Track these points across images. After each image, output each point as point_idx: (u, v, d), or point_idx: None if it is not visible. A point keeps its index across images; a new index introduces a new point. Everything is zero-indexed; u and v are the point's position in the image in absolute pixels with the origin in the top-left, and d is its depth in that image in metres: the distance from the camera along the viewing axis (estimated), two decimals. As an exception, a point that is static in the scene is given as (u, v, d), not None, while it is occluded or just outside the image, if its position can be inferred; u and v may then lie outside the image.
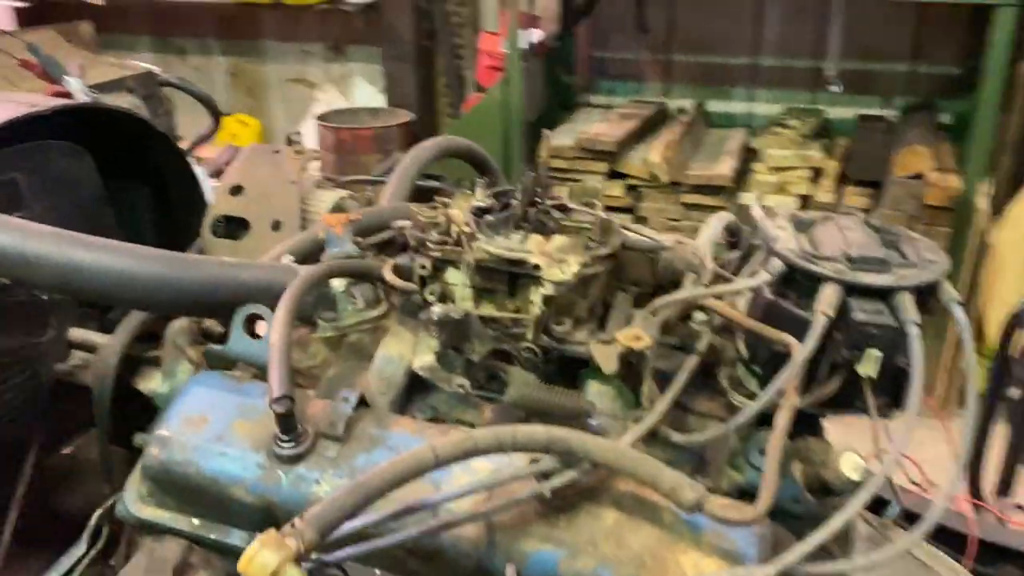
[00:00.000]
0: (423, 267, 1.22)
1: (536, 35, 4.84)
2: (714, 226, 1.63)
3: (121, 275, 1.17)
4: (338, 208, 1.66)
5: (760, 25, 5.11)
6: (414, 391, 1.28)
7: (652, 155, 4.52)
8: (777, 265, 1.13)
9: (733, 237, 1.71)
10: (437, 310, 1.15)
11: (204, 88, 6.60)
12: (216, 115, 2.53)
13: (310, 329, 1.39)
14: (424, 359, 1.18)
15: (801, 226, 1.21)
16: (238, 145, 4.40)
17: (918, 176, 4.05)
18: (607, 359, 1.13)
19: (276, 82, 6.58)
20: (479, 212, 1.25)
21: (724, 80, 5.30)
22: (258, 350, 1.23)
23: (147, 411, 1.53)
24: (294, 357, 1.38)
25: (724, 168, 4.50)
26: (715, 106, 5.34)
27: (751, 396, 1.19)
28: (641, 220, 4.66)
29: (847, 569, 0.93)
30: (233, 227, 1.61)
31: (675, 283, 1.36)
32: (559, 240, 1.23)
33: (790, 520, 1.12)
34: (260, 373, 1.27)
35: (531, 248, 1.19)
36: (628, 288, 1.34)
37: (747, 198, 4.55)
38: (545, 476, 0.98)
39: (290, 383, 1.07)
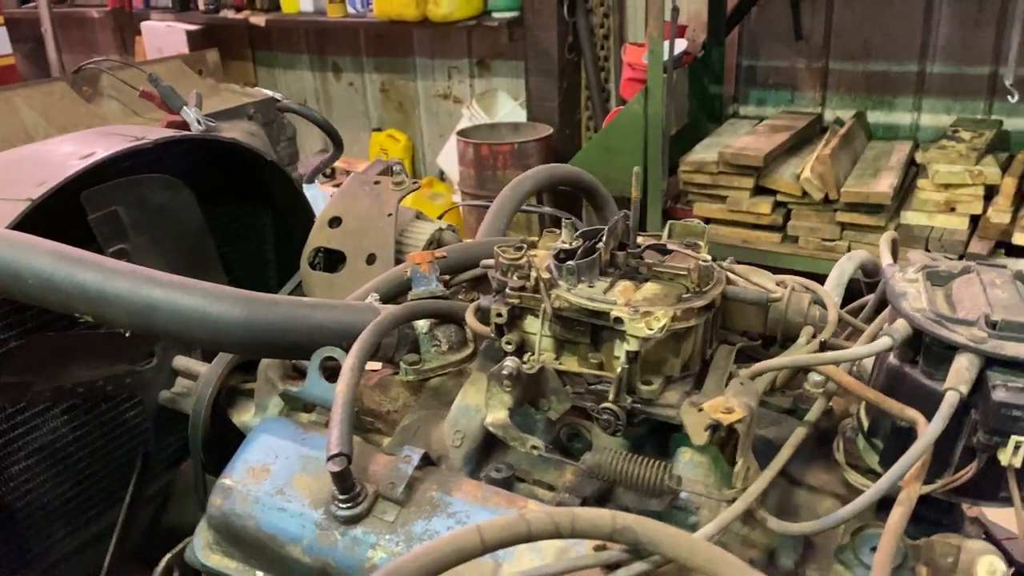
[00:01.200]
0: (499, 315, 1.13)
1: (681, 45, 4.66)
2: (844, 268, 1.46)
3: (194, 315, 1.15)
4: (435, 241, 1.60)
5: (930, 28, 4.70)
6: (493, 445, 1.20)
7: (804, 170, 4.24)
8: (903, 328, 0.97)
9: (870, 278, 1.52)
10: (509, 364, 1.06)
11: (358, 104, 6.85)
12: (337, 142, 2.55)
13: (393, 370, 1.34)
14: (496, 415, 1.09)
15: (937, 280, 1.04)
16: (387, 159, 4.50)
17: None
18: (697, 429, 1.00)
19: (424, 97, 6.71)
20: (562, 256, 1.15)
21: (887, 89, 4.91)
22: (332, 394, 1.19)
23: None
24: (375, 400, 1.34)
25: (883, 185, 4.16)
26: (877, 117, 4.96)
27: (871, 474, 1.03)
28: (790, 239, 4.39)
29: None
30: (331, 260, 1.59)
31: (789, 336, 1.21)
32: (650, 288, 1.11)
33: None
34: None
35: (616, 297, 1.08)
36: (734, 339, 1.20)
37: (910, 217, 4.20)
38: (612, 568, 0.87)
39: (350, 439, 1.01)
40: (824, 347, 1.14)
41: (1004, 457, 0.89)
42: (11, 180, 1.34)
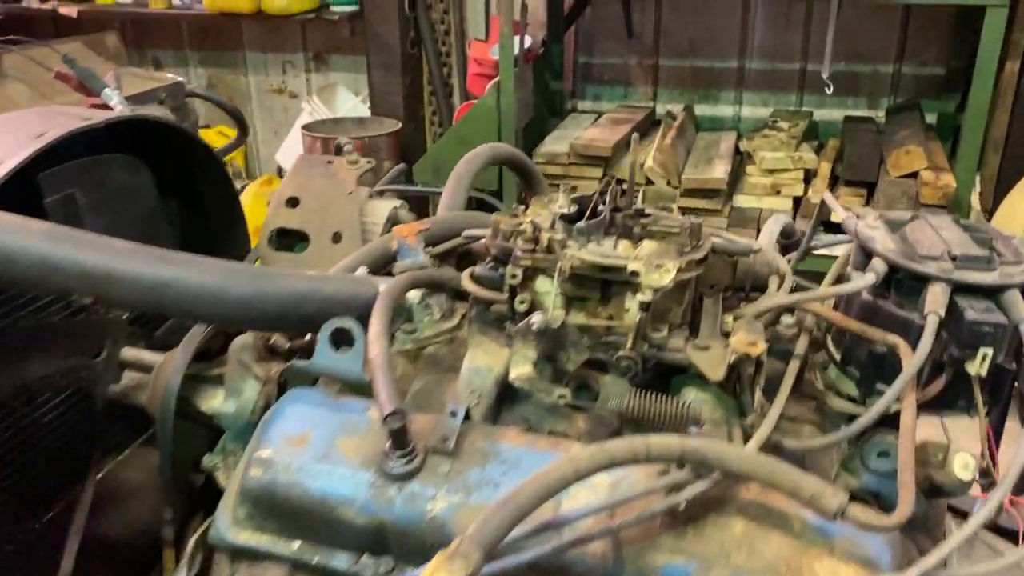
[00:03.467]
0: (514, 276, 1.20)
1: (527, 41, 4.83)
2: (772, 229, 1.63)
3: (209, 292, 1.13)
4: (392, 218, 1.63)
5: (747, 29, 5.16)
6: (502, 403, 1.26)
7: (647, 159, 4.53)
8: (879, 265, 1.13)
9: (788, 239, 1.71)
10: (537, 320, 1.13)
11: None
12: (243, 126, 2.47)
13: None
14: (521, 370, 1.16)
15: (893, 226, 1.21)
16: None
17: (912, 175, 4.10)
18: (713, 366, 1.12)
19: (256, 93, 6.50)
20: (566, 219, 1.23)
21: (712, 84, 5.33)
22: (346, 365, 1.20)
23: (199, 433, 1.50)
24: (365, 373, 1.35)
25: (718, 171, 4.52)
26: (703, 109, 5.37)
27: (850, 399, 1.19)
28: (636, 224, 4.66)
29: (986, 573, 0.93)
30: (289, 240, 1.58)
31: (756, 287, 1.35)
32: (650, 245, 1.22)
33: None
34: (347, 388, 1.24)
35: (625, 254, 1.18)
36: (709, 292, 1.33)
37: (741, 200, 4.59)
38: (676, 488, 0.96)
39: (399, 397, 1.04)
40: (794, 292, 1.29)
41: (972, 368, 1.06)
42: (-43, 162, 1.24)
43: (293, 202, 1.54)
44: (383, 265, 1.40)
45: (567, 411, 1.22)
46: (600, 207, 1.24)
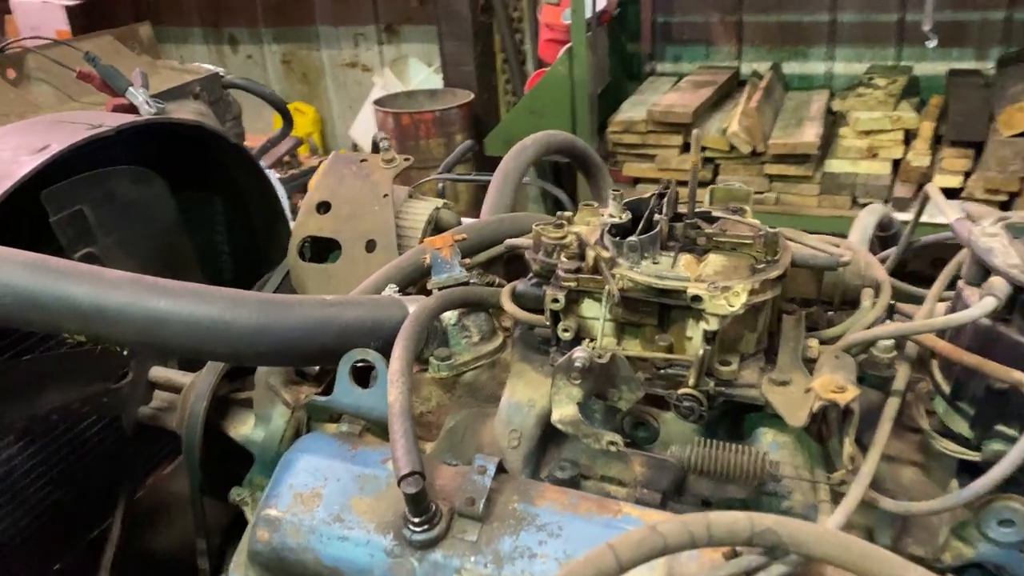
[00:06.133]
0: (555, 301, 1.03)
1: (600, 3, 4.59)
2: (866, 222, 1.42)
3: (212, 326, 1.01)
4: (435, 222, 1.48)
5: (839, -23, 4.78)
6: (548, 441, 1.10)
7: (731, 124, 4.26)
8: (1001, 285, 0.92)
9: (885, 232, 1.49)
10: (580, 356, 0.97)
11: (258, 77, 6.51)
12: (287, 117, 2.37)
13: (419, 368, 1.23)
14: (564, 411, 1.00)
15: (1016, 232, 1.00)
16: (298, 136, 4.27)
17: (1025, 134, 3.72)
18: (793, 411, 0.93)
19: (330, 68, 6.43)
20: (616, 231, 1.06)
21: (801, 39, 4.98)
22: (368, 401, 1.07)
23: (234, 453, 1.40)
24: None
25: (808, 135, 4.21)
26: (792, 68, 5.03)
27: (962, 442, 0.99)
28: (720, 194, 4.41)
29: None
30: (321, 248, 1.45)
31: (845, 300, 1.15)
32: (716, 261, 1.03)
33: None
34: (371, 426, 1.11)
35: (686, 273, 1.00)
36: (789, 306, 1.14)
37: (835, 165, 4.27)
38: (750, 574, 0.79)
39: (418, 455, 0.90)
40: (892, 310, 1.09)
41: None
42: (-46, 183, 1.15)
43: (324, 207, 1.41)
44: (414, 281, 1.26)
45: (623, 453, 1.06)
46: (657, 216, 1.05)
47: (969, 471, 0.96)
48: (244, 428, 1.34)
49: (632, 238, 1.02)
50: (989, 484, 0.84)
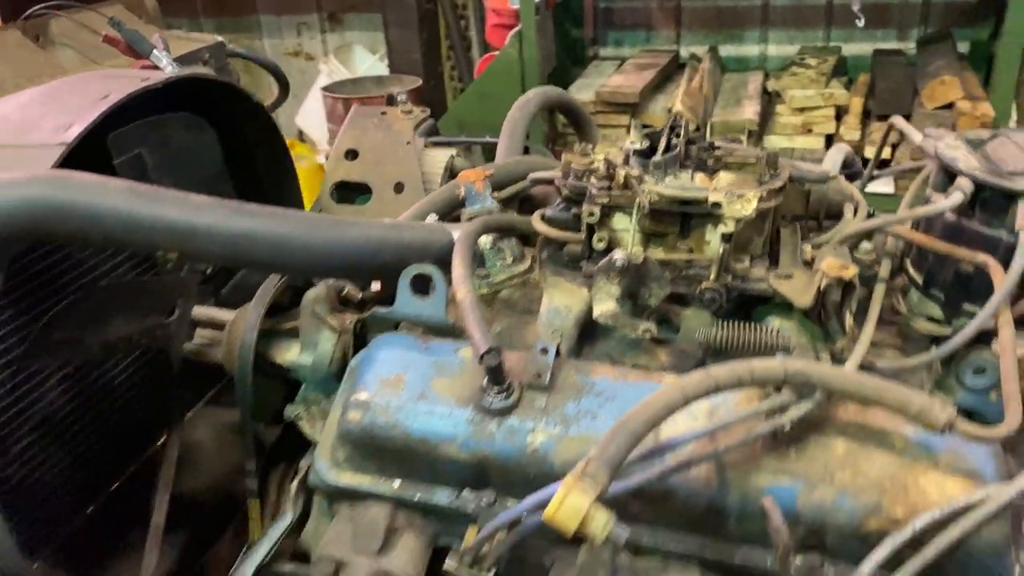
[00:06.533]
0: (591, 214, 1.20)
1: (547, -12, 4.76)
2: (835, 158, 1.62)
3: (293, 242, 1.14)
4: (449, 166, 1.63)
5: (770, -36, 5.06)
6: (583, 341, 1.26)
7: (675, 103, 4.48)
8: (965, 184, 1.12)
9: (848, 168, 1.69)
10: (619, 256, 1.13)
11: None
12: (284, 84, 2.46)
13: (459, 288, 1.37)
14: (605, 306, 1.16)
15: (974, 145, 1.20)
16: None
17: (948, 106, 4.03)
18: (800, 293, 1.12)
19: (273, 57, 6.44)
20: (641, 154, 1.23)
21: (736, 23, 5.24)
22: (429, 310, 1.21)
23: (273, 387, 1.52)
24: (452, 315, 1.37)
25: (748, 112, 4.46)
26: (728, 50, 5.29)
27: (935, 322, 1.18)
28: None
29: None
30: (349, 192, 1.58)
31: (830, 215, 1.35)
32: (727, 177, 1.21)
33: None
34: (430, 332, 1.25)
35: (704, 186, 1.17)
36: (785, 222, 1.32)
37: (772, 140, 4.53)
38: (780, 410, 0.97)
39: (491, 336, 1.05)
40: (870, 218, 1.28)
41: (1066, 282, 1.05)
42: (33, 125, 1.24)
43: (352, 155, 1.54)
44: (450, 211, 1.40)
45: (649, 345, 1.23)
46: (675, 139, 1.23)
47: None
48: (289, 355, 1.46)
49: (657, 157, 1.19)
50: (964, 338, 1.04)
